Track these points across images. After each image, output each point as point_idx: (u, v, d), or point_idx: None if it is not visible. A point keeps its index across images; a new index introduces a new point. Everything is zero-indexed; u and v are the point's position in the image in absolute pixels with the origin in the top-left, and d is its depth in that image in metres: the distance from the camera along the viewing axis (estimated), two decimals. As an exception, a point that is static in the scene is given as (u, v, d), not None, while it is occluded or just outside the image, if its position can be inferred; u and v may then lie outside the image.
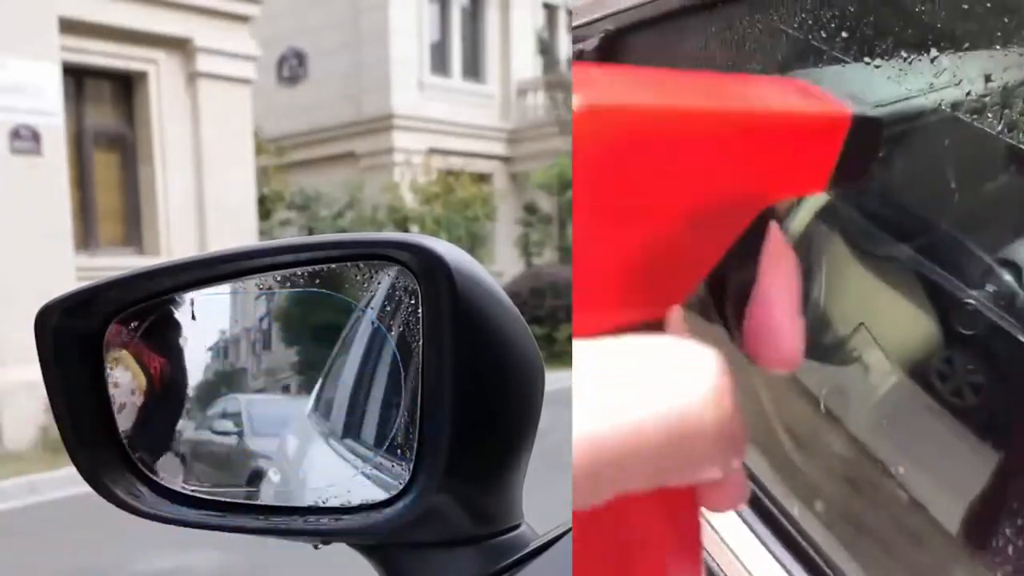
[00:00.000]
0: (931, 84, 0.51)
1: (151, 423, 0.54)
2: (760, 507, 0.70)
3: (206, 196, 8.25)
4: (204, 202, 8.25)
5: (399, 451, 0.46)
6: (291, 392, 0.52)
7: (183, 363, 0.54)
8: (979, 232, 0.51)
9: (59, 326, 0.51)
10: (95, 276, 0.56)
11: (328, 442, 0.51)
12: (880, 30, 0.55)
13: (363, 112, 13.10)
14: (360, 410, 0.50)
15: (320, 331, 0.53)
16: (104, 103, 8.13)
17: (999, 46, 0.46)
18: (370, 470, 0.48)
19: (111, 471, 0.52)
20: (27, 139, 6.58)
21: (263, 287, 0.52)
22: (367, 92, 13.04)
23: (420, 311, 0.45)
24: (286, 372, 0.53)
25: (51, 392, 0.51)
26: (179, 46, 8.05)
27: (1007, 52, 0.46)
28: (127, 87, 8.12)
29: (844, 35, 0.58)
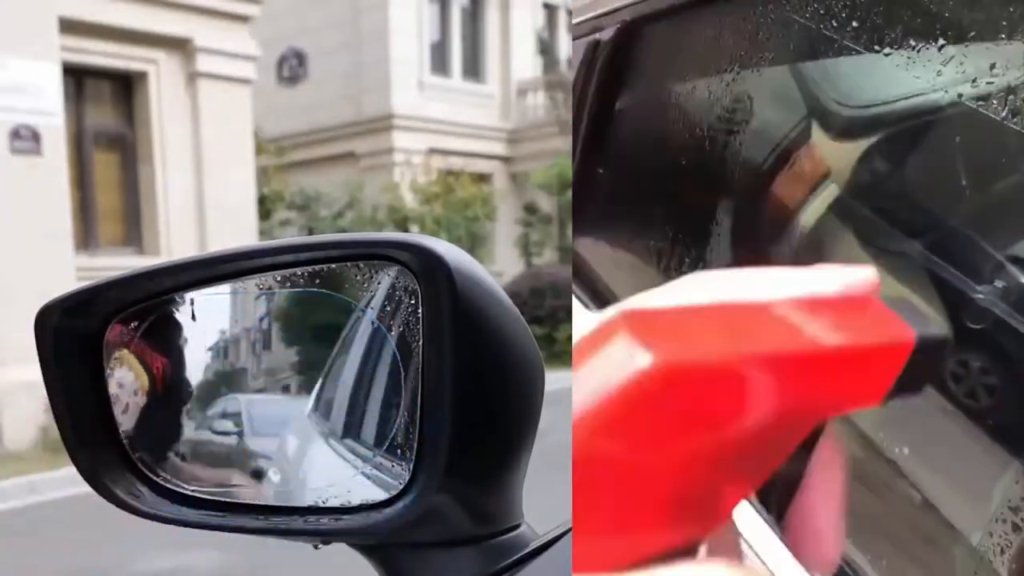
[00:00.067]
0: (939, 71, 0.51)
1: (151, 423, 0.54)
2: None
3: (206, 196, 8.25)
4: (204, 202, 8.25)
5: (399, 451, 0.46)
6: (291, 392, 0.52)
7: (183, 363, 0.54)
8: (990, 228, 0.51)
9: (59, 326, 0.51)
10: (95, 276, 0.56)
11: (328, 442, 0.51)
12: (889, 19, 0.56)
13: (363, 112, 13.09)
14: (360, 410, 0.50)
15: (320, 331, 0.53)
16: (104, 103, 8.12)
17: (1004, 36, 0.47)
18: (370, 470, 0.48)
19: (111, 471, 0.52)
20: (27, 139, 6.58)
21: (263, 287, 0.52)
22: (367, 92, 13.03)
23: (420, 311, 0.45)
24: (286, 372, 0.53)
25: (51, 392, 0.51)
26: (179, 46, 8.05)
27: (1011, 43, 0.46)
28: (127, 87, 8.12)
29: (855, 24, 0.59)
